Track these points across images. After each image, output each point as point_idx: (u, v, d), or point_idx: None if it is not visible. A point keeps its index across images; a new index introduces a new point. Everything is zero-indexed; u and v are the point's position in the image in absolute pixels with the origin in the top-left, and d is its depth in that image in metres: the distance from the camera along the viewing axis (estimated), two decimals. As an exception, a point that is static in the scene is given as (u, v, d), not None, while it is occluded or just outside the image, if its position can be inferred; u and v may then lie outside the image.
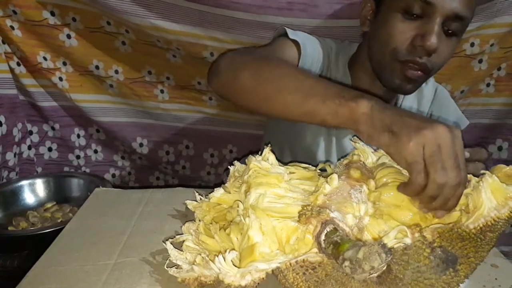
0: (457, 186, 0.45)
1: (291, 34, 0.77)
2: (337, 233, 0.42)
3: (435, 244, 0.44)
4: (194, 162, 1.30)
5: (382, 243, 0.38)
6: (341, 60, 0.83)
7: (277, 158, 0.58)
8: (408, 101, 0.88)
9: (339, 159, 0.86)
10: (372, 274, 0.38)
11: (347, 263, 0.38)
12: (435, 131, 0.44)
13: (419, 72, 0.70)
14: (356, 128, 0.51)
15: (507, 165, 0.48)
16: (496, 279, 0.54)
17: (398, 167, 0.52)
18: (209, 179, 1.33)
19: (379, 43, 0.73)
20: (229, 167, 0.61)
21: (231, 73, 0.68)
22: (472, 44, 1.07)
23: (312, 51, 0.78)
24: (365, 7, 0.77)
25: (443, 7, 0.65)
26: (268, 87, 0.62)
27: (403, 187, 0.48)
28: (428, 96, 0.91)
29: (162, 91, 1.18)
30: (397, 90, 0.75)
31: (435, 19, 0.66)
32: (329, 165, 0.61)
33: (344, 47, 0.86)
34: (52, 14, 1.03)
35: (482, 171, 0.46)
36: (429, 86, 0.92)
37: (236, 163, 0.61)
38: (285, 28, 0.78)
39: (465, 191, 0.46)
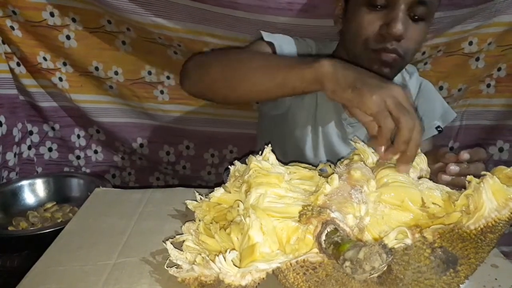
0: (421, 132, 0.52)
1: (266, 36, 0.82)
2: (338, 234, 0.42)
3: (436, 245, 0.44)
4: (195, 162, 1.30)
5: (382, 244, 0.38)
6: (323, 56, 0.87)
7: (277, 158, 0.58)
8: None
9: (329, 158, 0.88)
10: (372, 274, 0.38)
11: (347, 263, 0.38)
12: (393, 88, 0.52)
13: (392, 54, 0.72)
14: (321, 87, 0.57)
15: (508, 166, 0.48)
16: (496, 279, 0.54)
17: None
18: (210, 178, 1.33)
19: (351, 37, 0.76)
20: (229, 166, 0.61)
21: (199, 70, 0.75)
22: (471, 43, 1.08)
23: (289, 52, 0.82)
24: (337, 6, 0.81)
25: None
26: (237, 71, 0.69)
27: (374, 141, 0.53)
28: (413, 89, 0.93)
29: (162, 92, 1.18)
30: None
31: (398, 7, 0.69)
32: (330, 165, 0.61)
33: (324, 45, 0.89)
34: (52, 15, 1.03)
35: (483, 172, 0.46)
36: (413, 81, 0.93)
37: (237, 162, 0.61)
38: (261, 31, 0.82)
39: (466, 192, 0.46)
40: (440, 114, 0.95)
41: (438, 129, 0.92)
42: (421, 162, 0.56)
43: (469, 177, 0.47)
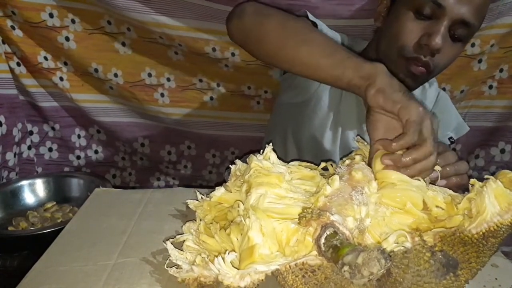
0: (433, 164, 0.54)
1: (311, 17, 0.80)
2: (337, 237, 0.41)
3: (436, 248, 0.44)
4: (196, 162, 1.30)
5: (381, 249, 0.38)
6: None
7: (278, 157, 0.58)
8: None
9: (342, 153, 0.88)
10: (371, 279, 0.38)
11: (346, 267, 0.38)
12: (431, 115, 0.54)
13: (422, 68, 0.72)
14: (370, 84, 0.57)
15: (509, 167, 0.48)
16: (496, 279, 0.54)
17: None
18: (211, 178, 1.33)
19: (389, 38, 0.76)
20: (230, 166, 0.61)
21: (258, 17, 0.72)
22: (473, 45, 1.07)
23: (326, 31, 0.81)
24: (381, 3, 0.80)
25: (452, 11, 0.68)
26: (295, 36, 0.67)
27: (397, 139, 0.54)
28: (431, 98, 0.93)
29: (162, 95, 1.17)
30: None
31: (443, 22, 0.69)
32: (331, 165, 0.61)
33: (356, 41, 0.89)
34: (51, 16, 1.03)
35: (486, 176, 0.46)
36: (432, 90, 0.93)
37: (238, 161, 0.61)
38: (306, 11, 0.81)
39: (469, 195, 0.46)
40: (454, 126, 0.96)
41: (451, 139, 0.92)
42: None
43: (472, 181, 0.48)
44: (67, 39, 1.06)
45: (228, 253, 0.43)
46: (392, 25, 0.75)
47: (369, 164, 0.56)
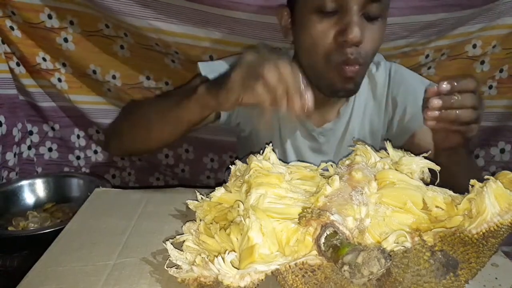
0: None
1: (203, 68, 0.81)
2: (337, 237, 0.41)
3: (436, 248, 0.44)
4: (194, 166, 1.30)
5: (381, 248, 0.38)
6: None
7: (279, 158, 0.58)
8: (362, 96, 0.84)
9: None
10: (371, 279, 0.38)
11: (346, 267, 0.38)
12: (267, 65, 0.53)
13: (354, 67, 0.67)
14: (212, 107, 0.62)
15: (509, 167, 0.49)
16: (496, 278, 0.54)
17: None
18: (209, 182, 1.32)
19: (306, 50, 0.71)
20: (230, 166, 0.61)
21: (114, 137, 0.81)
22: (474, 46, 1.07)
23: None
24: (282, 17, 0.75)
25: None
26: (141, 128, 0.73)
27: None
28: (382, 81, 0.86)
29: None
30: (341, 94, 0.74)
31: (351, 9, 0.64)
32: (331, 165, 0.61)
33: (280, 52, 0.87)
34: (49, 17, 1.03)
35: (486, 177, 0.46)
36: (381, 71, 0.86)
37: (238, 162, 0.61)
38: (198, 63, 0.82)
39: (469, 196, 0.46)
40: (420, 91, 0.90)
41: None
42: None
43: (472, 181, 0.47)
44: (65, 40, 1.06)
45: (228, 253, 0.43)
46: (302, 35, 0.70)
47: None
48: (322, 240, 0.42)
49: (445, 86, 0.56)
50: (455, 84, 0.55)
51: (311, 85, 0.74)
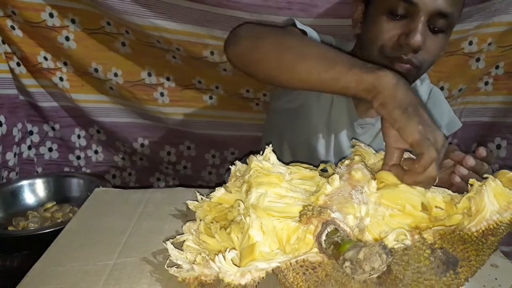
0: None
1: (299, 25, 0.79)
2: (338, 234, 0.42)
3: (436, 246, 0.44)
4: (196, 163, 1.30)
5: (382, 244, 0.38)
6: None
7: (278, 158, 0.58)
8: None
9: (336, 157, 0.88)
10: (372, 275, 0.38)
11: (347, 263, 0.38)
12: (439, 131, 0.51)
13: (406, 65, 0.71)
14: (374, 96, 0.54)
15: (505, 163, 0.49)
16: (496, 279, 0.54)
17: None
18: (211, 179, 1.33)
19: (368, 42, 0.75)
20: (230, 167, 0.61)
21: (252, 41, 0.70)
22: (471, 43, 1.08)
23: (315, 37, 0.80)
24: (356, 10, 0.80)
25: (426, 6, 0.67)
26: (292, 54, 0.64)
27: (414, 163, 0.50)
28: (423, 95, 0.92)
29: (162, 94, 1.17)
30: None
31: (419, 18, 0.68)
32: (331, 165, 0.61)
33: (342, 44, 0.88)
34: (51, 15, 1.03)
35: (485, 175, 0.46)
36: (424, 87, 0.92)
37: (238, 162, 0.61)
38: (294, 19, 0.79)
39: (468, 194, 0.47)
40: (447, 123, 0.95)
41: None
42: None
43: (471, 180, 0.48)
44: (67, 39, 1.06)
45: (229, 251, 0.43)
46: (369, 29, 0.75)
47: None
48: (323, 237, 0.42)
49: (471, 161, 0.63)
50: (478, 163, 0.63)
51: None
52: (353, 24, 0.81)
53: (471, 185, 0.48)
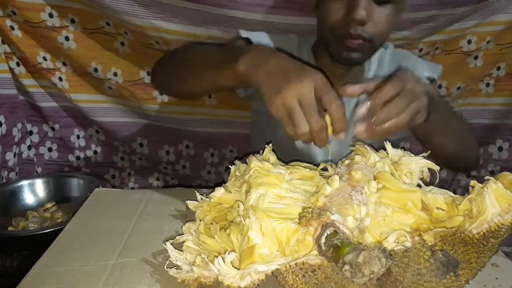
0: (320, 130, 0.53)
1: (244, 33, 0.84)
2: (338, 236, 0.41)
3: (437, 248, 0.44)
4: (195, 162, 1.30)
5: (382, 248, 0.38)
6: (305, 48, 0.89)
7: (278, 158, 0.58)
8: (370, 74, 0.91)
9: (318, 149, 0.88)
10: (372, 278, 0.38)
11: (347, 267, 0.38)
12: (294, 89, 0.53)
13: (358, 40, 0.73)
14: (248, 84, 0.59)
15: (507, 164, 0.49)
16: (496, 278, 0.54)
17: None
18: (210, 178, 1.33)
19: (321, 24, 0.79)
20: (230, 166, 0.61)
21: (162, 68, 0.82)
22: (469, 42, 1.08)
23: (265, 42, 0.85)
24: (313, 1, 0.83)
25: None
26: (186, 68, 0.74)
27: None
28: (388, 59, 0.93)
29: (161, 93, 1.18)
30: (346, 61, 0.79)
31: None
32: (331, 165, 0.61)
33: (306, 39, 0.91)
34: (51, 15, 1.03)
35: (487, 178, 0.46)
36: (388, 52, 0.93)
37: (237, 162, 0.61)
38: (239, 30, 0.85)
39: (469, 196, 0.46)
40: (426, 68, 0.94)
41: (429, 78, 0.91)
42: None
43: (472, 182, 0.48)
44: (67, 38, 1.06)
45: (228, 253, 0.43)
46: (319, 15, 0.79)
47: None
48: (323, 240, 0.42)
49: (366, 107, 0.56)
50: (375, 99, 0.55)
51: (328, 59, 0.81)
52: (315, 15, 0.84)
53: (472, 186, 0.47)
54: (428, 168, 0.55)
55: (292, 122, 0.53)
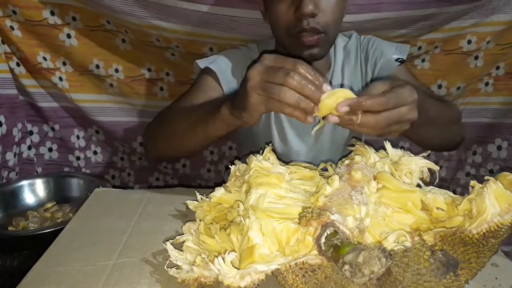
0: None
1: (201, 63, 0.87)
2: (337, 236, 0.41)
3: (437, 248, 0.44)
4: (194, 160, 1.30)
5: (382, 248, 0.38)
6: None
7: (278, 158, 0.58)
8: (338, 65, 0.93)
9: (299, 138, 0.89)
10: (371, 278, 0.38)
11: (347, 266, 0.38)
12: (254, 76, 0.53)
13: (314, 36, 0.74)
14: (238, 123, 0.61)
15: (506, 164, 0.49)
16: (496, 278, 0.54)
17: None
18: (209, 176, 1.33)
19: (275, 29, 0.80)
20: (230, 166, 0.61)
21: (151, 143, 0.85)
22: (469, 42, 1.08)
23: (226, 65, 0.87)
24: (260, 4, 0.84)
25: None
26: (174, 138, 0.76)
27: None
28: (353, 48, 0.94)
29: (161, 89, 1.18)
30: (309, 58, 0.79)
31: None
32: (331, 165, 0.61)
33: (266, 44, 0.93)
34: (52, 13, 1.03)
35: (486, 177, 0.46)
36: (352, 41, 0.94)
37: (237, 162, 0.61)
38: (196, 62, 0.87)
39: (469, 196, 0.47)
40: (394, 51, 0.93)
41: (399, 60, 0.90)
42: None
43: (472, 182, 0.48)
44: (68, 36, 1.07)
45: (228, 253, 0.43)
46: (270, 18, 0.79)
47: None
48: (323, 239, 0.42)
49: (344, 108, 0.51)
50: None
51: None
52: (263, 18, 0.85)
53: (472, 186, 0.47)
54: (428, 168, 0.55)
55: (275, 99, 0.51)
